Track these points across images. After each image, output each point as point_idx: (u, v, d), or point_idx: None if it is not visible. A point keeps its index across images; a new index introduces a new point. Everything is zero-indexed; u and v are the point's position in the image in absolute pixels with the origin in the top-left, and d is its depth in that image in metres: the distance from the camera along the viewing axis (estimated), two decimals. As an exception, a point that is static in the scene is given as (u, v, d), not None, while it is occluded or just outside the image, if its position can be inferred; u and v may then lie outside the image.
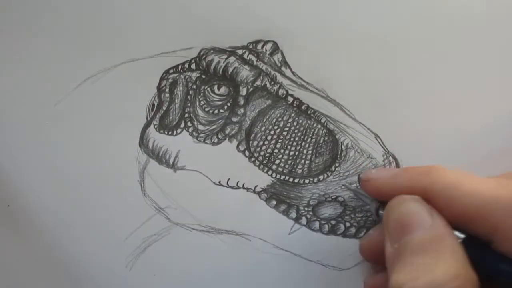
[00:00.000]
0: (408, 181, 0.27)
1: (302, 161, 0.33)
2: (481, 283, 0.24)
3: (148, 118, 0.34)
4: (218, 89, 0.34)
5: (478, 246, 0.25)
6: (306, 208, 0.33)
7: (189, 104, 0.34)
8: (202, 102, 0.34)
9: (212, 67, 0.34)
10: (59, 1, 0.34)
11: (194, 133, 0.34)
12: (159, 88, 0.34)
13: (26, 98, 0.34)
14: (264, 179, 0.33)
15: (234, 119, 0.34)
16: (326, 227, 0.33)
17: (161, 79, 0.34)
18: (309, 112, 0.33)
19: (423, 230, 0.25)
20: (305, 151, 0.33)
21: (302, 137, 0.33)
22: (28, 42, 0.34)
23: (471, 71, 0.33)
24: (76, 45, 0.34)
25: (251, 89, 0.33)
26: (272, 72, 0.34)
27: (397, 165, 0.33)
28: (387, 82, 0.33)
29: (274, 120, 0.33)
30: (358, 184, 0.31)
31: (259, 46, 0.34)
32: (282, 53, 0.34)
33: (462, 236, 0.26)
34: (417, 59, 0.33)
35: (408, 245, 0.25)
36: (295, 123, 0.33)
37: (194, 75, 0.34)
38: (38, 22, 0.34)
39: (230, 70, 0.33)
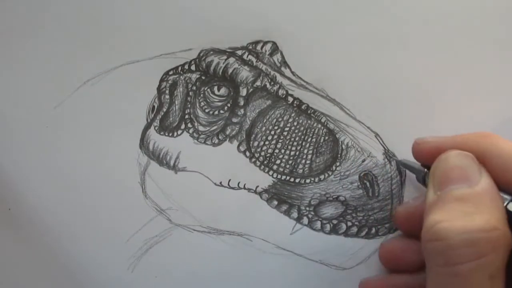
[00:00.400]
0: (466, 141, 0.27)
1: (303, 161, 0.33)
2: None
3: (149, 120, 0.34)
4: (218, 90, 0.34)
5: None
6: (307, 208, 0.33)
7: (189, 106, 0.34)
8: (202, 103, 0.34)
9: (211, 68, 0.34)
10: (59, 2, 0.34)
11: (194, 134, 0.34)
12: (159, 89, 0.34)
13: (25, 101, 0.34)
14: (265, 180, 0.33)
15: (235, 120, 0.34)
16: (328, 227, 0.33)
17: (161, 80, 0.34)
18: (309, 111, 0.33)
19: (469, 184, 0.25)
20: (305, 151, 0.33)
21: (302, 137, 0.33)
22: (28, 44, 0.34)
23: (472, 70, 0.33)
24: (75, 47, 0.34)
25: (251, 89, 0.34)
26: (272, 73, 0.34)
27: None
28: (387, 81, 0.33)
29: (275, 120, 0.33)
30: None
31: (258, 47, 0.34)
32: (281, 53, 0.34)
33: (508, 198, 0.25)
34: (417, 59, 0.33)
35: (451, 193, 0.25)
36: (295, 123, 0.33)
37: (194, 76, 0.34)
38: (38, 23, 0.34)
39: (230, 71, 0.34)
